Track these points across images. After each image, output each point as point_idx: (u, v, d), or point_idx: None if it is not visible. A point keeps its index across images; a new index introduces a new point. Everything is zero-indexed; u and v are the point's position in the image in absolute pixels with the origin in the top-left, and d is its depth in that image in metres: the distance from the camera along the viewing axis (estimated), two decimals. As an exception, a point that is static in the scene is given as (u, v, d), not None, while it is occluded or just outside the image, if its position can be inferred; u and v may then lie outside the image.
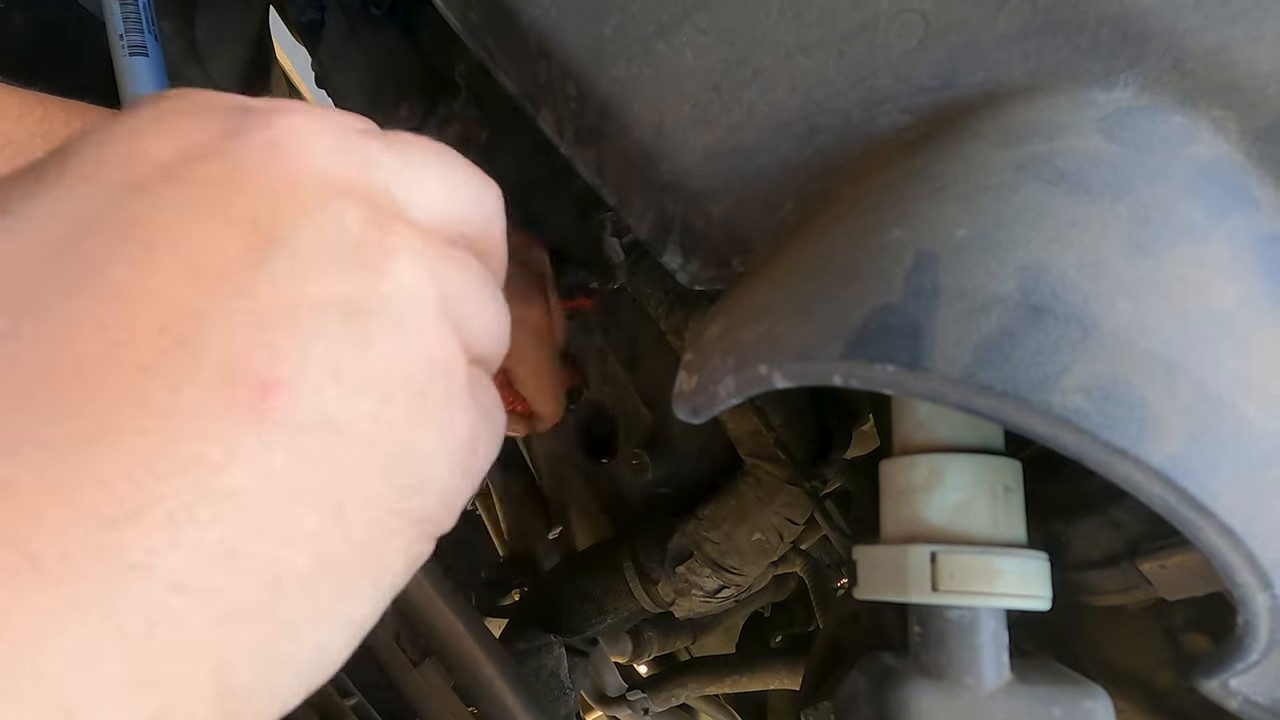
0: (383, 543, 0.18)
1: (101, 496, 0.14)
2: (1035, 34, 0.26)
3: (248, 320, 0.16)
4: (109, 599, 0.14)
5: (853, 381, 0.23)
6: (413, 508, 0.19)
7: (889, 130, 0.28)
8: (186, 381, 0.15)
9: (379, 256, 0.18)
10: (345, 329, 0.17)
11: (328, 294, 0.17)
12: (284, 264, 0.17)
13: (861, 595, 0.29)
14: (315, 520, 0.17)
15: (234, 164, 0.18)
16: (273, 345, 0.16)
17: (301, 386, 0.16)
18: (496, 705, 0.51)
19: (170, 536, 0.15)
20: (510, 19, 0.34)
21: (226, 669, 0.16)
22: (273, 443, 0.16)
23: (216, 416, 0.15)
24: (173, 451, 0.15)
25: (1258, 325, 0.22)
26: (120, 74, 0.55)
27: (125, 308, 0.15)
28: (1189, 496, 0.20)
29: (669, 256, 0.34)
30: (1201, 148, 0.25)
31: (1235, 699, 0.24)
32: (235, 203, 0.17)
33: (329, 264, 0.17)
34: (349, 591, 0.18)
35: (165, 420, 0.15)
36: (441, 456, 0.20)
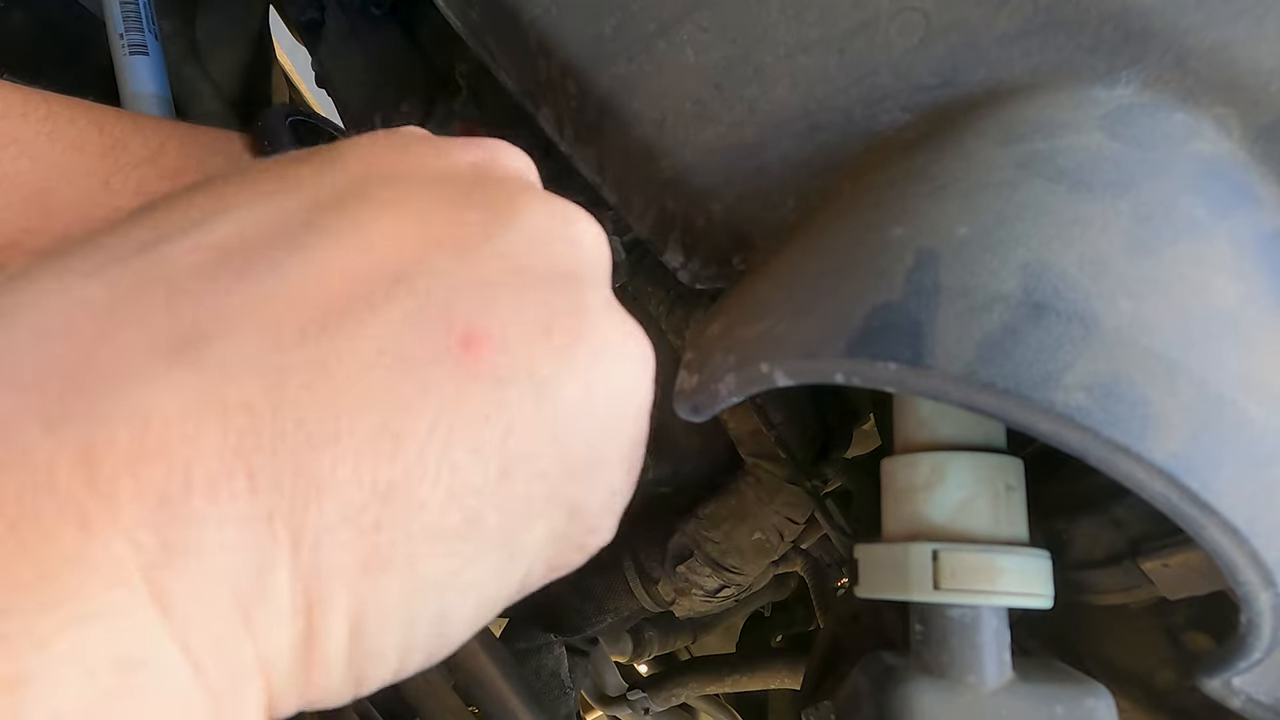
0: (532, 521, 0.18)
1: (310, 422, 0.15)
2: (1036, 32, 0.26)
3: (469, 277, 0.18)
4: (293, 515, 0.15)
5: (854, 379, 0.23)
6: (573, 494, 0.19)
7: (890, 128, 0.28)
8: (405, 322, 0.17)
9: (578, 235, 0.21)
10: (558, 291, 0.19)
11: (546, 265, 0.19)
12: (511, 241, 0.19)
13: (863, 594, 0.29)
14: (480, 478, 0.17)
15: (486, 173, 0.21)
16: (488, 300, 0.18)
17: (507, 339, 0.17)
18: (496, 705, 0.51)
19: (355, 466, 0.15)
20: (510, 17, 0.34)
21: (364, 613, 0.16)
22: (465, 388, 0.17)
23: (419, 356, 0.16)
24: (375, 384, 0.16)
25: (1259, 323, 0.22)
26: (120, 73, 0.55)
27: (372, 259, 0.17)
28: (1192, 494, 0.20)
29: (670, 255, 0.33)
30: (1203, 145, 0.25)
31: (1238, 698, 0.24)
32: (477, 194, 0.20)
33: (548, 241, 0.20)
34: (485, 563, 0.18)
35: (377, 356, 0.16)
36: (621, 447, 0.20)
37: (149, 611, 0.13)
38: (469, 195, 0.20)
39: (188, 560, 0.14)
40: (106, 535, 0.13)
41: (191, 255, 0.16)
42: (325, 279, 0.16)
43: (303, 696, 0.17)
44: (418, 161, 0.21)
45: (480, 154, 0.22)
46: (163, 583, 0.13)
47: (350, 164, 0.20)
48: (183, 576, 0.14)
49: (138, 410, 0.14)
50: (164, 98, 0.55)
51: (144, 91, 0.54)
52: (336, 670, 0.17)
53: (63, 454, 0.13)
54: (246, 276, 0.16)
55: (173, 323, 0.15)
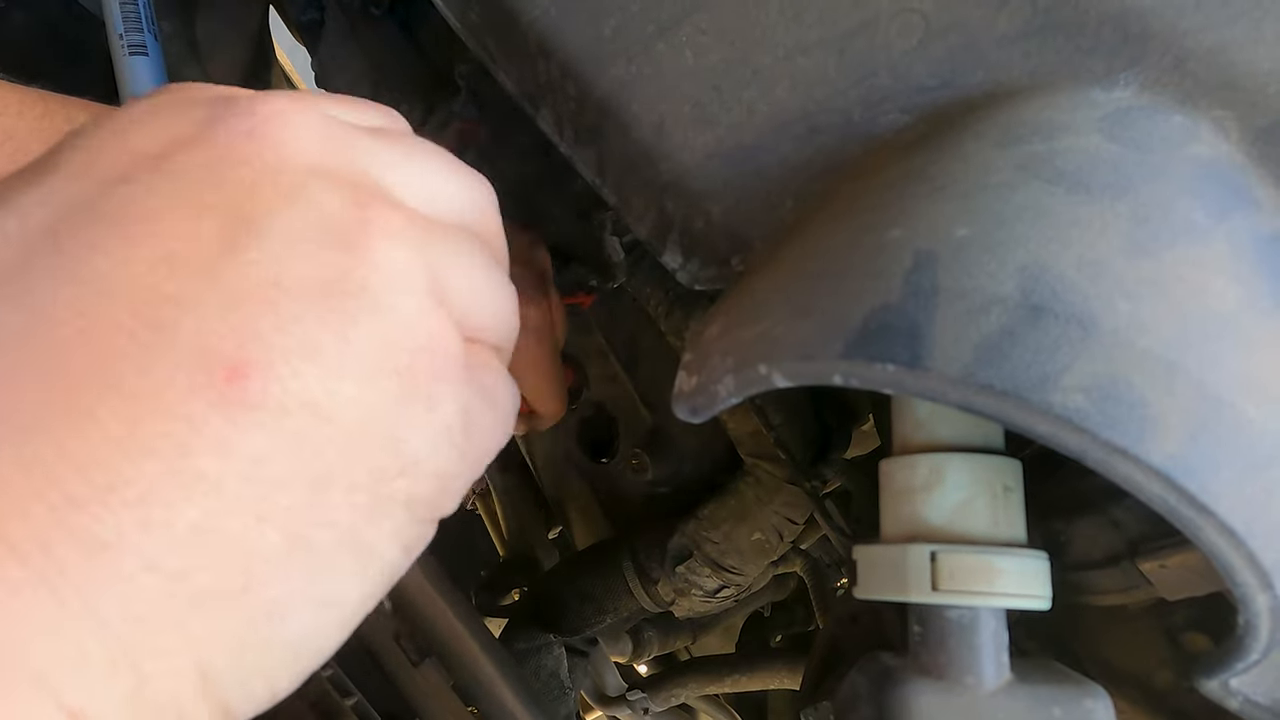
0: (367, 525, 0.18)
1: (71, 477, 0.14)
2: (1035, 34, 0.26)
3: (220, 304, 0.16)
4: (81, 578, 0.14)
5: (853, 381, 0.23)
6: (399, 490, 0.18)
7: (889, 130, 0.28)
8: (157, 365, 0.16)
9: (358, 237, 0.18)
10: (323, 310, 0.17)
11: (304, 276, 0.17)
12: (259, 249, 0.17)
13: (861, 595, 0.29)
14: (290, 501, 0.16)
15: (217, 152, 0.18)
16: (243, 328, 0.16)
17: (275, 368, 0.16)
18: (496, 705, 0.51)
19: (140, 516, 0.15)
20: (510, 18, 0.34)
21: (207, 650, 0.16)
22: (243, 424, 0.16)
23: (185, 399, 0.16)
24: (141, 433, 0.15)
25: (1258, 325, 0.22)
26: (120, 73, 0.55)
27: (102, 296, 0.16)
28: (1189, 496, 0.20)
29: (669, 256, 0.34)
30: (1202, 147, 0.25)
31: (1236, 699, 0.24)
32: (214, 191, 0.17)
33: (306, 247, 0.18)
34: (332, 574, 0.18)
35: (135, 403, 0.15)
36: (429, 436, 0.19)
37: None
38: (205, 194, 0.17)
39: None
40: None
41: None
42: (56, 329, 0.15)
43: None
44: (148, 149, 0.18)
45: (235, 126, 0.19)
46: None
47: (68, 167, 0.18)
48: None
49: None
50: (164, 98, 0.55)
51: (144, 92, 0.54)
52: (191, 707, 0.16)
53: None
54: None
55: None
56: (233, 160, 0.18)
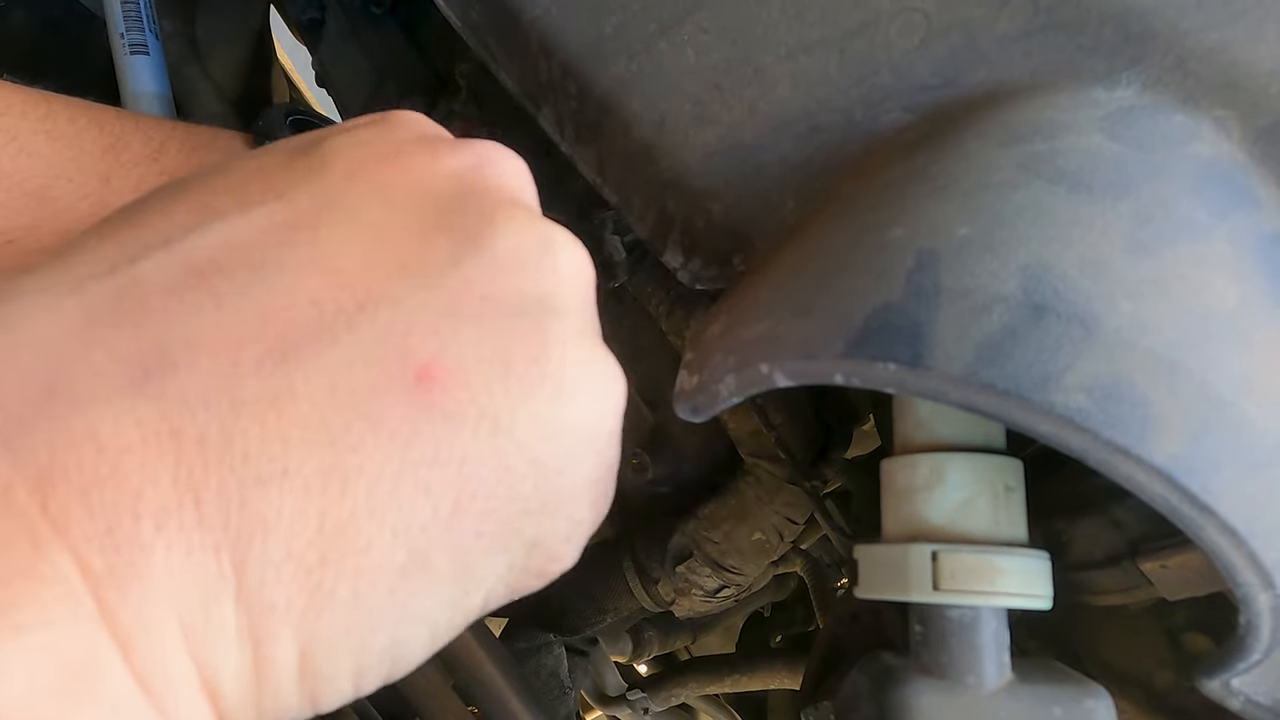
0: (485, 557, 0.18)
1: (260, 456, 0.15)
2: (1037, 33, 0.26)
3: (432, 306, 0.17)
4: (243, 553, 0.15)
5: (854, 380, 0.23)
6: (529, 529, 0.19)
7: (890, 129, 0.28)
8: (361, 355, 0.16)
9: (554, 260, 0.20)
10: (521, 323, 0.18)
11: (512, 292, 0.19)
12: (481, 266, 0.19)
13: (862, 594, 0.29)
14: (428, 516, 0.17)
15: (467, 188, 0.20)
16: (447, 331, 0.17)
17: (466, 374, 0.17)
18: (496, 705, 0.51)
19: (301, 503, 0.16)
20: (511, 17, 0.34)
21: (311, 642, 0.16)
22: (418, 425, 0.17)
23: (372, 391, 0.16)
24: (329, 414, 0.16)
25: (1259, 324, 0.22)
26: (121, 72, 0.55)
27: (338, 286, 0.17)
28: (1191, 496, 0.20)
29: (670, 255, 0.33)
30: (1203, 147, 0.25)
31: (1237, 699, 0.24)
32: (458, 217, 0.19)
33: (517, 266, 0.19)
34: (435, 596, 0.18)
35: (335, 384, 0.16)
36: (582, 482, 0.20)
37: (95, 626, 0.14)
38: (445, 214, 0.19)
39: (133, 583, 0.14)
40: (55, 554, 0.13)
41: (166, 273, 0.16)
42: (290, 308, 0.16)
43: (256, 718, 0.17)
44: (401, 171, 0.20)
45: (468, 160, 0.21)
46: (109, 602, 0.14)
47: (334, 170, 0.19)
48: (127, 598, 0.14)
49: (94, 437, 0.14)
50: (164, 97, 0.55)
51: (144, 91, 0.54)
52: (288, 696, 0.17)
53: (20, 476, 0.14)
54: (214, 301, 0.16)
55: (139, 348, 0.15)
56: (478, 197, 0.20)
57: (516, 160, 0.23)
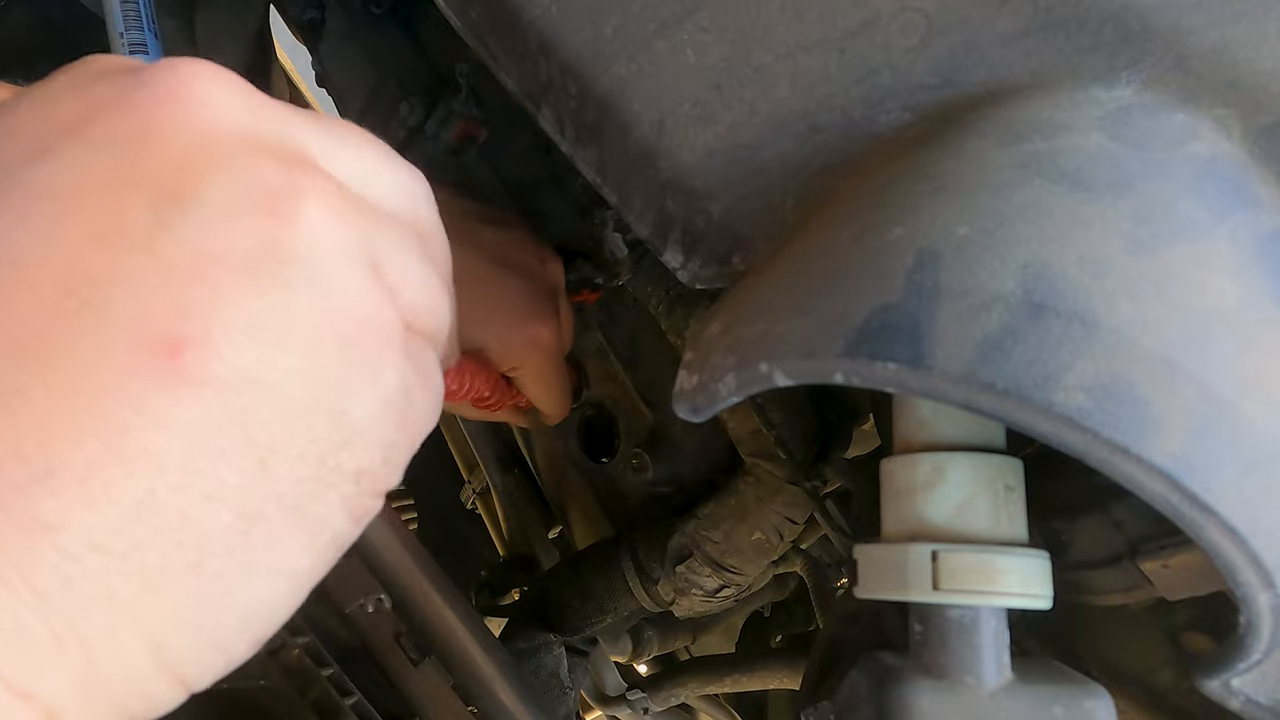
0: (315, 496, 0.18)
1: (10, 460, 0.14)
2: (1037, 32, 0.26)
3: (154, 279, 0.16)
4: (25, 560, 0.14)
5: (854, 379, 0.23)
6: (345, 461, 0.19)
7: (890, 128, 0.28)
8: (90, 344, 0.15)
9: (291, 206, 0.18)
10: (260, 282, 0.17)
11: (239, 248, 0.17)
12: (190, 221, 0.17)
13: (862, 594, 0.29)
14: (237, 475, 0.16)
15: (141, 121, 0.17)
16: (180, 303, 0.16)
17: (215, 342, 0.16)
18: (496, 705, 0.51)
19: (82, 496, 0.15)
20: (511, 17, 0.34)
21: (158, 625, 0.16)
22: (186, 399, 0.16)
23: (124, 377, 0.15)
24: (80, 412, 0.15)
25: (1259, 324, 0.22)
26: (120, 72, 0.54)
27: (30, 274, 0.15)
28: (1191, 495, 0.20)
29: (670, 255, 0.33)
30: (1203, 146, 0.25)
31: (1237, 699, 0.24)
32: (141, 162, 0.17)
33: (237, 217, 0.17)
34: (282, 545, 0.18)
35: (71, 382, 0.15)
36: (373, 407, 0.19)
37: None
38: (132, 165, 0.17)
39: None
40: None
41: None
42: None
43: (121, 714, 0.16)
44: (71, 121, 0.17)
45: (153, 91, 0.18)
46: None
47: None
48: None
49: None
50: (164, 97, 0.55)
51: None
52: (149, 682, 0.16)
53: None
54: None
55: None
56: (157, 128, 0.17)
57: (217, 73, 0.19)
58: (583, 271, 0.56)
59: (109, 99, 0.18)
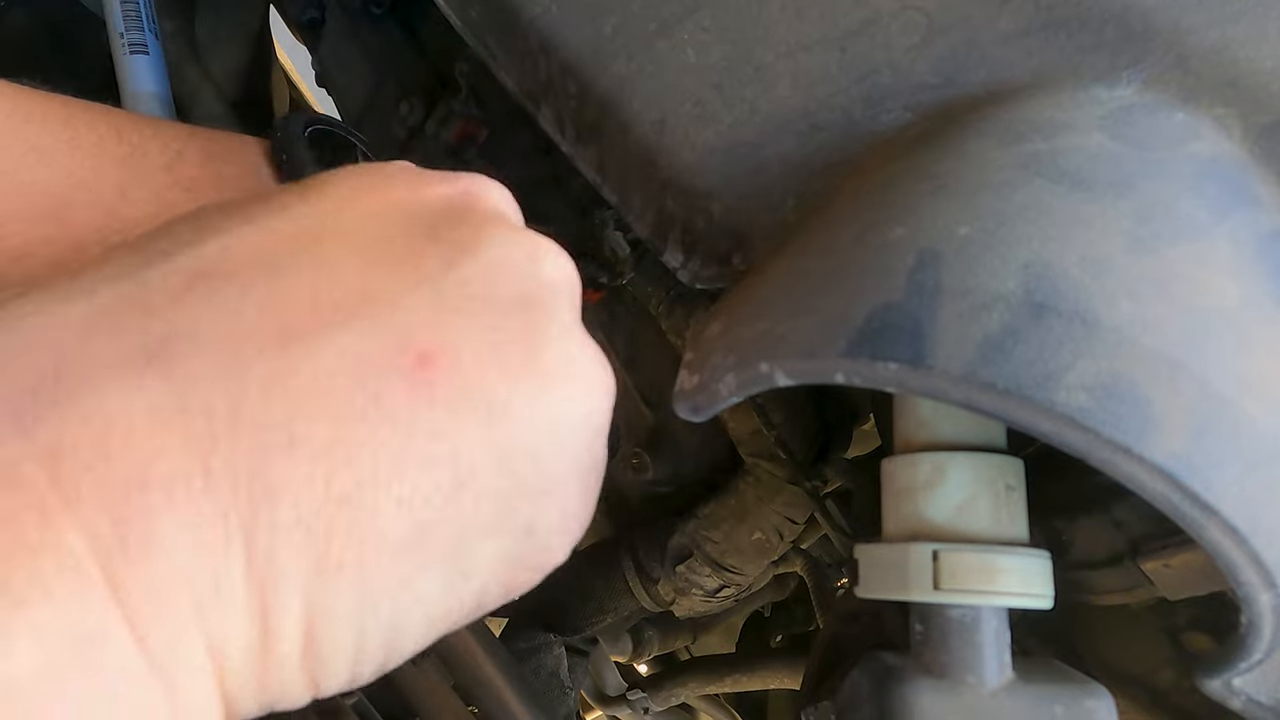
0: (483, 537, 0.19)
1: (268, 427, 0.16)
2: (1038, 32, 0.26)
3: (428, 302, 0.18)
4: (254, 521, 0.15)
5: (855, 379, 0.23)
6: (526, 513, 0.20)
7: (891, 128, 0.28)
8: (361, 339, 0.17)
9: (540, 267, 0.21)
10: (517, 320, 0.20)
11: (504, 292, 0.20)
12: (472, 270, 0.20)
13: (863, 594, 0.29)
14: (431, 489, 0.18)
15: (456, 207, 0.22)
16: (444, 323, 0.18)
17: (462, 359, 0.18)
18: (496, 705, 0.51)
19: (309, 472, 0.16)
20: (511, 16, 0.34)
21: (318, 617, 0.17)
22: (418, 401, 0.17)
23: (376, 371, 0.17)
24: (333, 394, 0.17)
25: (1260, 323, 0.22)
26: (120, 72, 0.55)
27: (334, 283, 0.18)
28: (1193, 495, 0.20)
29: (670, 255, 0.33)
30: (1204, 145, 0.25)
31: (1238, 698, 0.24)
32: (448, 231, 0.21)
33: (507, 269, 0.20)
34: (434, 572, 0.18)
35: (337, 365, 0.17)
36: (573, 471, 0.21)
37: (102, 596, 0.14)
38: (436, 229, 0.20)
39: (142, 552, 0.14)
40: (63, 526, 0.14)
41: (168, 278, 0.17)
42: (290, 301, 0.17)
43: (258, 697, 0.17)
44: (394, 195, 0.21)
45: (455, 188, 0.23)
46: (117, 571, 0.14)
47: (332, 195, 0.21)
48: (136, 567, 0.14)
49: (102, 413, 0.15)
50: (164, 97, 0.55)
51: (144, 90, 0.54)
52: (290, 672, 0.17)
53: (29, 451, 0.14)
54: (216, 296, 0.17)
55: (143, 338, 0.16)
56: (458, 209, 0.22)
57: (501, 187, 0.24)
58: (585, 270, 0.56)
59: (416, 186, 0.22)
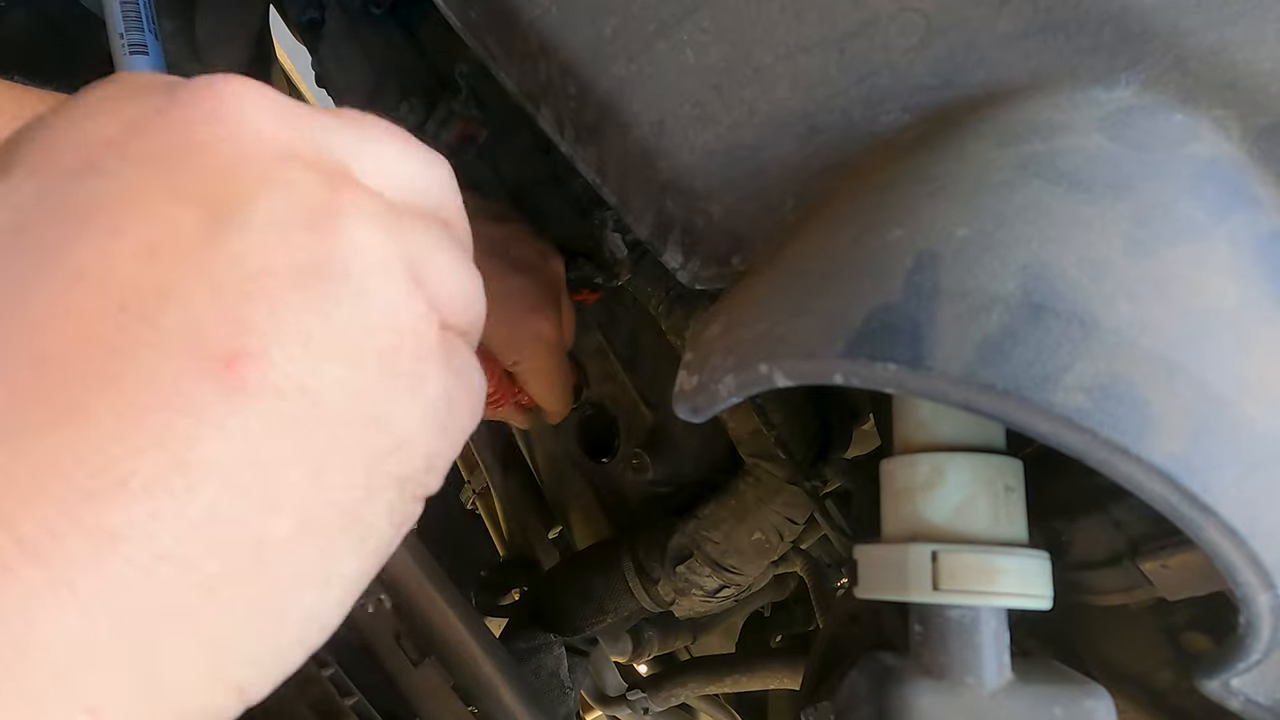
0: (365, 503, 0.18)
1: (78, 473, 0.15)
2: (1036, 33, 0.26)
3: (209, 294, 0.16)
4: (94, 571, 0.14)
5: (854, 380, 0.23)
6: (392, 468, 0.19)
7: (890, 129, 0.28)
8: (149, 357, 0.16)
9: (335, 221, 0.18)
10: (309, 295, 0.17)
11: (287, 262, 0.17)
12: (240, 236, 0.17)
13: (862, 594, 0.29)
14: (295, 484, 0.17)
15: (183, 136, 0.18)
16: (237, 317, 0.16)
17: (271, 355, 0.17)
18: (496, 705, 0.51)
19: (149, 507, 0.15)
20: (511, 17, 0.34)
21: (219, 636, 0.16)
22: (245, 411, 0.16)
23: (185, 389, 0.16)
24: (143, 425, 0.15)
25: (1258, 324, 0.22)
26: (120, 72, 0.54)
27: (88, 289, 0.16)
28: (1191, 495, 0.20)
29: (669, 256, 0.34)
30: (1202, 146, 0.25)
31: (1236, 699, 0.24)
32: (189, 177, 0.17)
33: (285, 232, 0.18)
34: (334, 552, 0.18)
35: (134, 396, 0.15)
36: (417, 416, 0.20)
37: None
38: (179, 180, 0.17)
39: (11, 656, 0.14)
40: None
41: None
42: (44, 325, 0.15)
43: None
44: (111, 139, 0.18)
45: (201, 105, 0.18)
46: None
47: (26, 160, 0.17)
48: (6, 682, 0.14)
49: None
50: (164, 97, 0.55)
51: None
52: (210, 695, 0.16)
53: None
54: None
55: None
56: (201, 144, 0.18)
57: (258, 90, 0.19)
58: (583, 271, 0.56)
59: (149, 115, 0.18)
